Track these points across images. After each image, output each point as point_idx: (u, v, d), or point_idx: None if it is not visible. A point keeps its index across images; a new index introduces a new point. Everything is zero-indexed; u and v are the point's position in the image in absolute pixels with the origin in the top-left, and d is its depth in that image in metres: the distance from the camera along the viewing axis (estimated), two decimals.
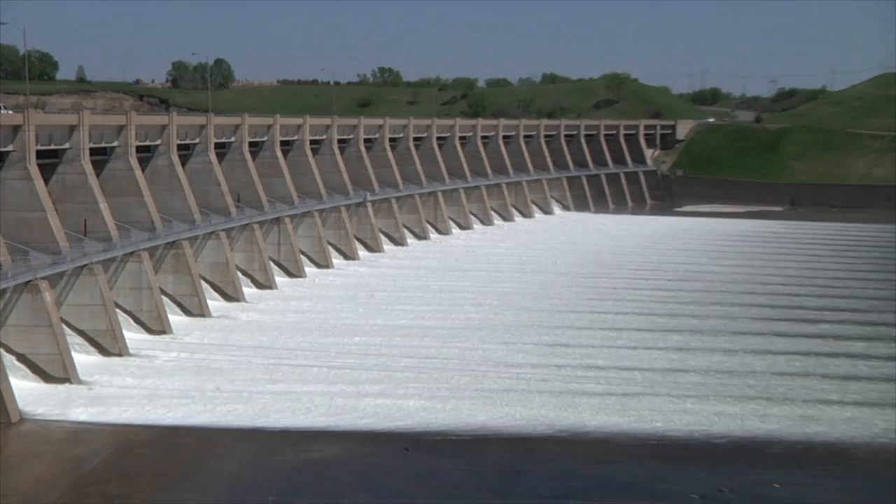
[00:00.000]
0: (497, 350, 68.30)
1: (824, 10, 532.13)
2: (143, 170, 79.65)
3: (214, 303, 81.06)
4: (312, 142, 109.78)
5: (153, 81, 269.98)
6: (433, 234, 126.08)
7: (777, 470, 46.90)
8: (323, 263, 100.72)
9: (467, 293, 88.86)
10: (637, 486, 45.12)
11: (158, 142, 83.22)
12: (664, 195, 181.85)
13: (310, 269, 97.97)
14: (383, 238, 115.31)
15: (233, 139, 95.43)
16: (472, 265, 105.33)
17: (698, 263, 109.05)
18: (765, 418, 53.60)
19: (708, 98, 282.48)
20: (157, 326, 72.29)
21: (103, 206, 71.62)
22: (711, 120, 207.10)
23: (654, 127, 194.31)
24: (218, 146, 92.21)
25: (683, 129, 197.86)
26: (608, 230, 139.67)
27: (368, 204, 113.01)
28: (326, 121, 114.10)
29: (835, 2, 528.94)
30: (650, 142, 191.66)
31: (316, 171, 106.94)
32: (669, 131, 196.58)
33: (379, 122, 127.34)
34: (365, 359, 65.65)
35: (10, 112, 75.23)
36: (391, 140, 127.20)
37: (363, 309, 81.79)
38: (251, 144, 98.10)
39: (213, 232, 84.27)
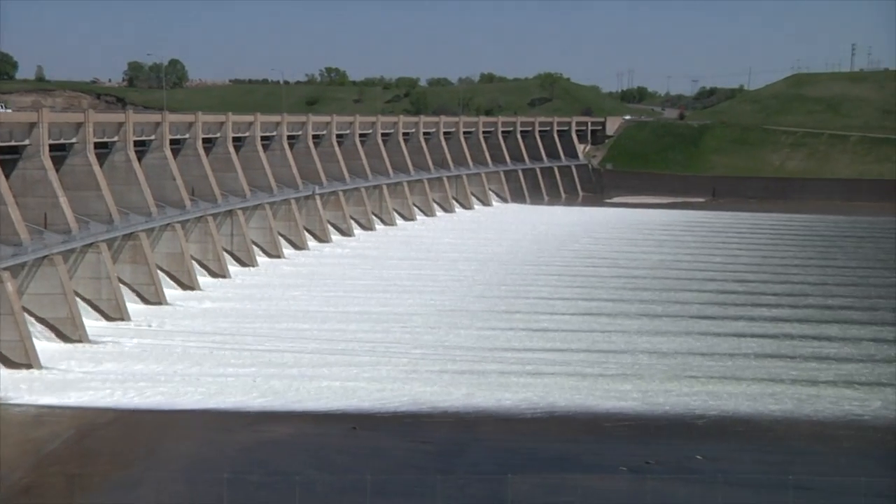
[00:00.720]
0: (440, 334, 68.38)
1: (741, 14, 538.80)
2: (100, 165, 78.58)
3: (171, 291, 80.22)
4: (263, 138, 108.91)
5: (110, 81, 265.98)
6: (379, 225, 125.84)
7: (701, 443, 47.54)
8: (274, 253, 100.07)
9: (413, 280, 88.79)
10: (570, 460, 45.52)
11: (116, 138, 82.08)
12: (595, 187, 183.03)
13: (262, 259, 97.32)
14: (331, 229, 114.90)
15: (187, 136, 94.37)
16: (416, 254, 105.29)
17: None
18: (691, 395, 54.28)
19: (635, 96, 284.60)
20: (115, 314, 71.40)
21: (63, 199, 70.49)
22: (627, 117, 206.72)
23: (585, 123, 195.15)
24: (173, 142, 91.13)
25: (613, 125, 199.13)
26: (547, 220, 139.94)
27: (317, 197, 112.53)
28: (276, 118, 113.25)
29: (750, 7, 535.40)
30: (582, 137, 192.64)
31: (267, 165, 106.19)
32: (600, 127, 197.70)
33: (326, 119, 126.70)
34: (315, 343, 65.40)
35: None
36: (338, 136, 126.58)
37: (314, 296, 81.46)
38: (205, 141, 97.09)
39: (168, 224, 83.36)
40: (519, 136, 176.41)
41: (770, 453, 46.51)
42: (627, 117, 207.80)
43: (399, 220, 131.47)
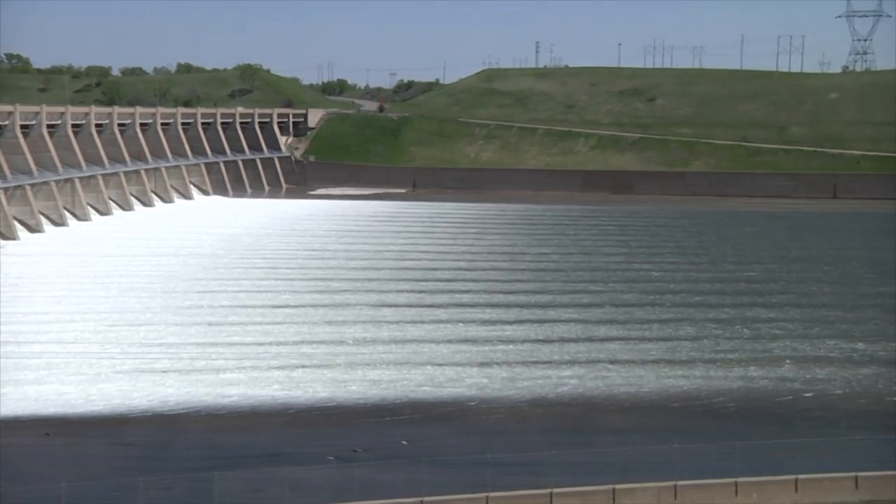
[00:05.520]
0: (140, 332, 66.04)
1: (434, 8, 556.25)
2: None
3: None
4: None
5: None
6: (72, 221, 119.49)
7: (406, 429, 48.85)
8: None
9: (109, 278, 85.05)
10: (277, 454, 45.41)
11: None
12: (298, 179, 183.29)
13: None
14: (18, 226, 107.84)
15: None
16: (113, 251, 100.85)
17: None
18: (390, 382, 55.56)
19: (336, 89, 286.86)
20: None
21: None
22: (324, 112, 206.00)
23: (287, 115, 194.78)
24: None
25: (314, 117, 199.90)
26: (251, 213, 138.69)
27: (1, 191, 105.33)
28: None
29: (442, 2, 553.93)
30: (284, 129, 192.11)
31: None
32: (302, 119, 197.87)
33: (9, 108, 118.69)
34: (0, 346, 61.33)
35: None
36: (23, 127, 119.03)
37: None
38: None
39: None
40: (220, 128, 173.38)
41: (470, 434, 48.45)
42: (324, 112, 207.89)
43: (94, 216, 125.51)
